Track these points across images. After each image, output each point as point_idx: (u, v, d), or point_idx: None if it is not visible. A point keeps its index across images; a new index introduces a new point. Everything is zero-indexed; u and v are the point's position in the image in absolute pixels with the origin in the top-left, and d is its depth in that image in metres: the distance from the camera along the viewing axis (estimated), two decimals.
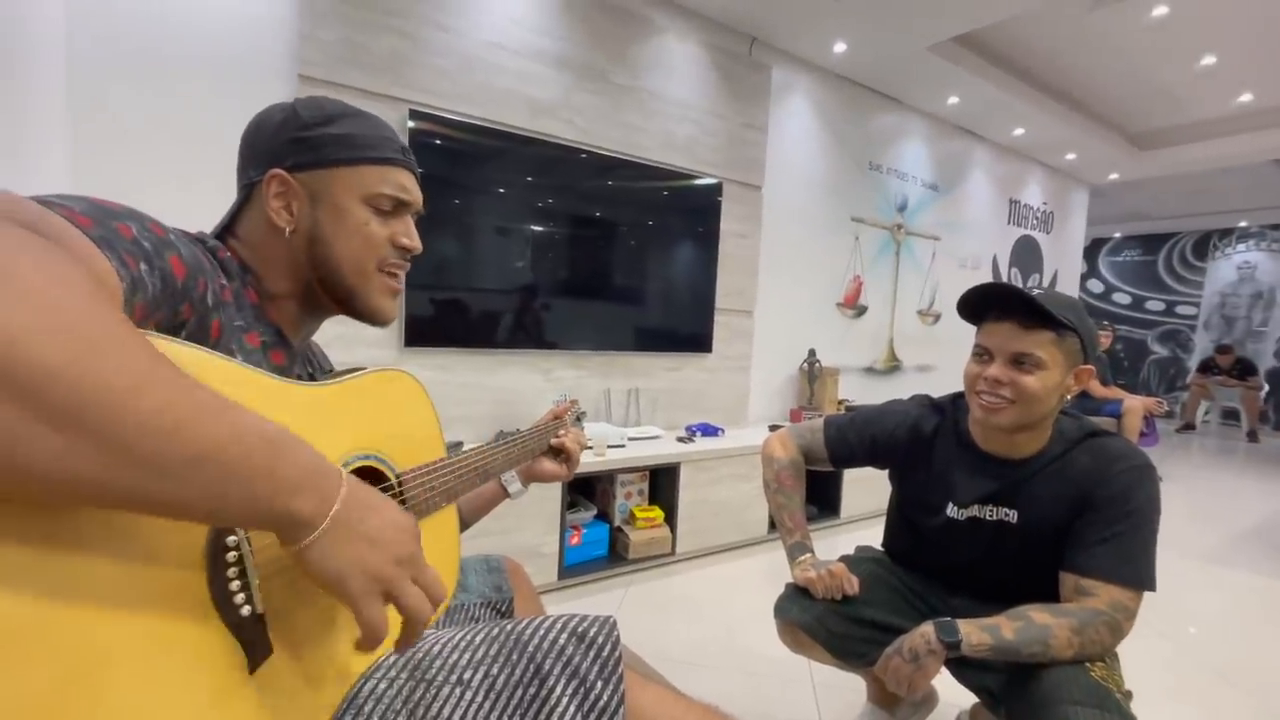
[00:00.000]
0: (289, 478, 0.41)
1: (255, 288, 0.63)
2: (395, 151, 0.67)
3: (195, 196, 0.60)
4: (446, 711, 0.54)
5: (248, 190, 0.64)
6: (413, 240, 0.69)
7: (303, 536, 0.42)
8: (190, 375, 0.37)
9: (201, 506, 0.37)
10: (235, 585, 0.46)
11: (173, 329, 0.49)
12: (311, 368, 0.74)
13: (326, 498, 0.43)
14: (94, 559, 0.37)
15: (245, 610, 0.46)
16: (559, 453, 1.02)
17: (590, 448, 2.21)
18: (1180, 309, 7.85)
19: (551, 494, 2.08)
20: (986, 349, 1.02)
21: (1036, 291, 0.99)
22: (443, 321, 2.22)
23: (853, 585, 1.12)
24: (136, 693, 0.38)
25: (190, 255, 0.51)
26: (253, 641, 0.47)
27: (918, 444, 1.17)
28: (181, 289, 0.49)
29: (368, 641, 0.45)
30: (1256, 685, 1.72)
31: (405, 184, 0.68)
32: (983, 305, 1.03)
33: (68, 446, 0.31)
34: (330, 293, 0.66)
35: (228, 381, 0.48)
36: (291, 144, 0.63)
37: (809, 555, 1.17)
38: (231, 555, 0.45)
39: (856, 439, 1.22)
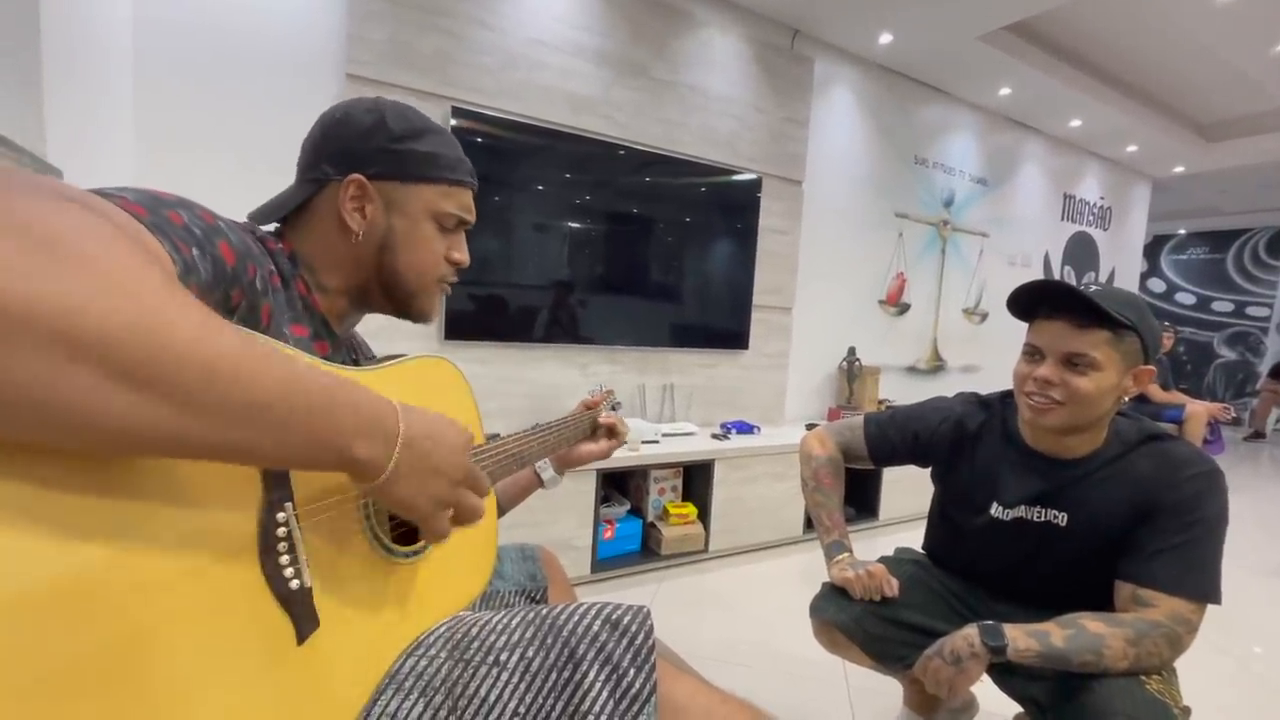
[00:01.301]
0: (347, 425, 0.44)
1: (305, 279, 0.65)
2: (467, 174, 0.71)
3: (249, 193, 0.63)
4: (484, 691, 0.56)
5: (318, 184, 0.66)
6: (464, 256, 0.73)
7: (371, 478, 0.46)
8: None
9: (267, 450, 0.40)
10: (285, 559, 0.47)
11: (225, 314, 0.51)
12: (356, 355, 0.77)
13: (388, 441, 0.47)
14: (152, 530, 0.39)
15: (294, 584, 0.48)
16: (606, 432, 1.05)
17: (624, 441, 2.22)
18: (1251, 310, 7.38)
19: (585, 488, 2.10)
20: (1037, 348, 0.98)
21: (1094, 288, 0.93)
22: (482, 316, 2.26)
23: (892, 587, 1.09)
24: (189, 658, 0.40)
25: (239, 242, 0.53)
26: (301, 614, 0.49)
27: (962, 440, 1.13)
28: (232, 274, 0.51)
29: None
30: None
31: (469, 205, 0.73)
32: (1034, 302, 0.99)
33: (138, 401, 0.33)
34: (389, 296, 0.70)
35: None
36: (379, 153, 0.65)
37: (847, 554, 1.15)
38: (281, 531, 0.47)
39: (898, 435, 1.19)
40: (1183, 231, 7.82)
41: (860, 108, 3.38)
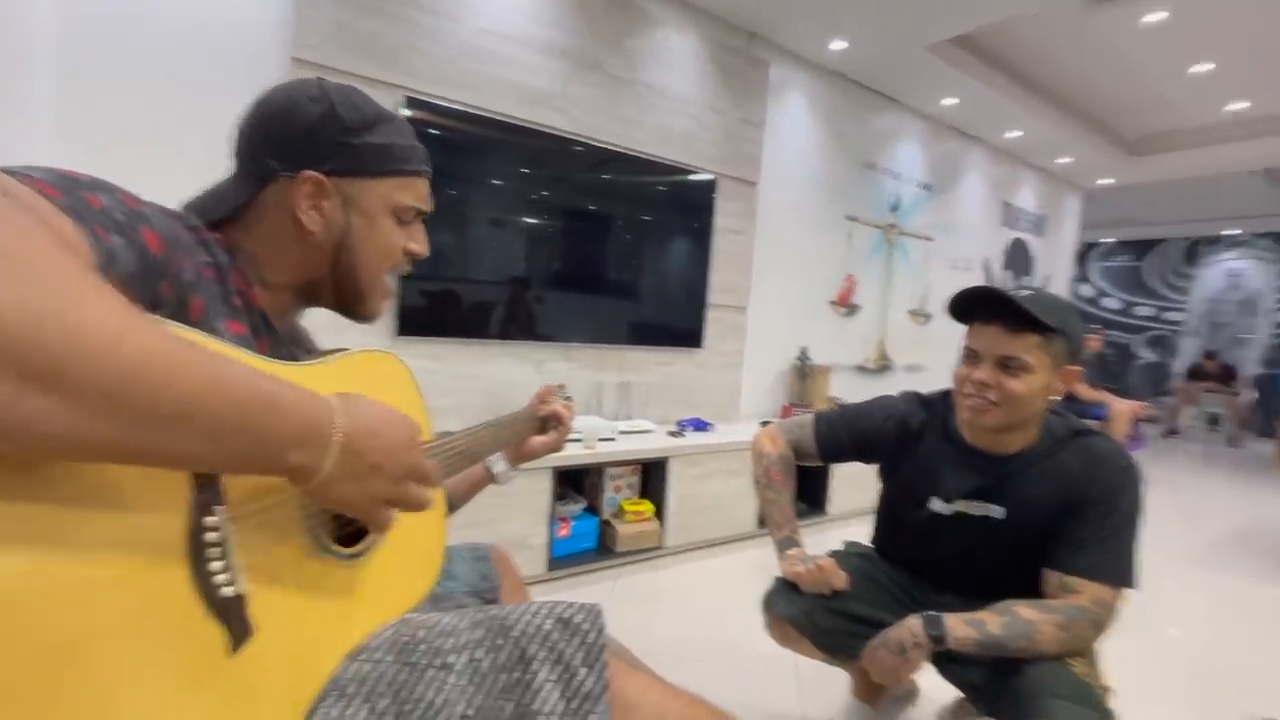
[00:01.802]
0: (281, 428, 0.42)
1: (245, 273, 0.61)
2: (423, 163, 0.69)
3: (187, 180, 0.59)
4: (430, 694, 0.54)
5: (264, 180, 0.61)
6: (423, 248, 0.71)
7: (306, 481, 0.46)
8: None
9: (193, 456, 0.38)
10: (217, 565, 0.45)
11: (151, 308, 0.47)
12: (297, 349, 0.73)
13: (322, 444, 0.45)
14: (71, 537, 0.36)
15: (227, 591, 0.45)
16: (549, 423, 1.02)
17: (580, 438, 2.21)
18: (1168, 315, 7.93)
19: (540, 485, 2.08)
20: (975, 351, 1.03)
21: (1026, 293, 0.99)
22: (435, 311, 2.20)
23: (841, 580, 1.12)
24: (113, 672, 0.37)
25: (167, 229, 0.49)
26: (233, 622, 0.46)
27: (905, 438, 1.17)
28: (160, 264, 0.47)
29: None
30: (1230, 685, 1.75)
31: (427, 194, 0.70)
32: (971, 306, 1.04)
33: (50, 403, 0.30)
34: (339, 293, 0.67)
35: None
36: (332, 147, 0.61)
37: (797, 549, 1.17)
38: (212, 535, 0.45)
39: (846, 433, 1.22)
40: (1110, 240, 8.32)
41: (813, 112, 3.46)
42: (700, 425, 2.73)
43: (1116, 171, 5.27)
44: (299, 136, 0.60)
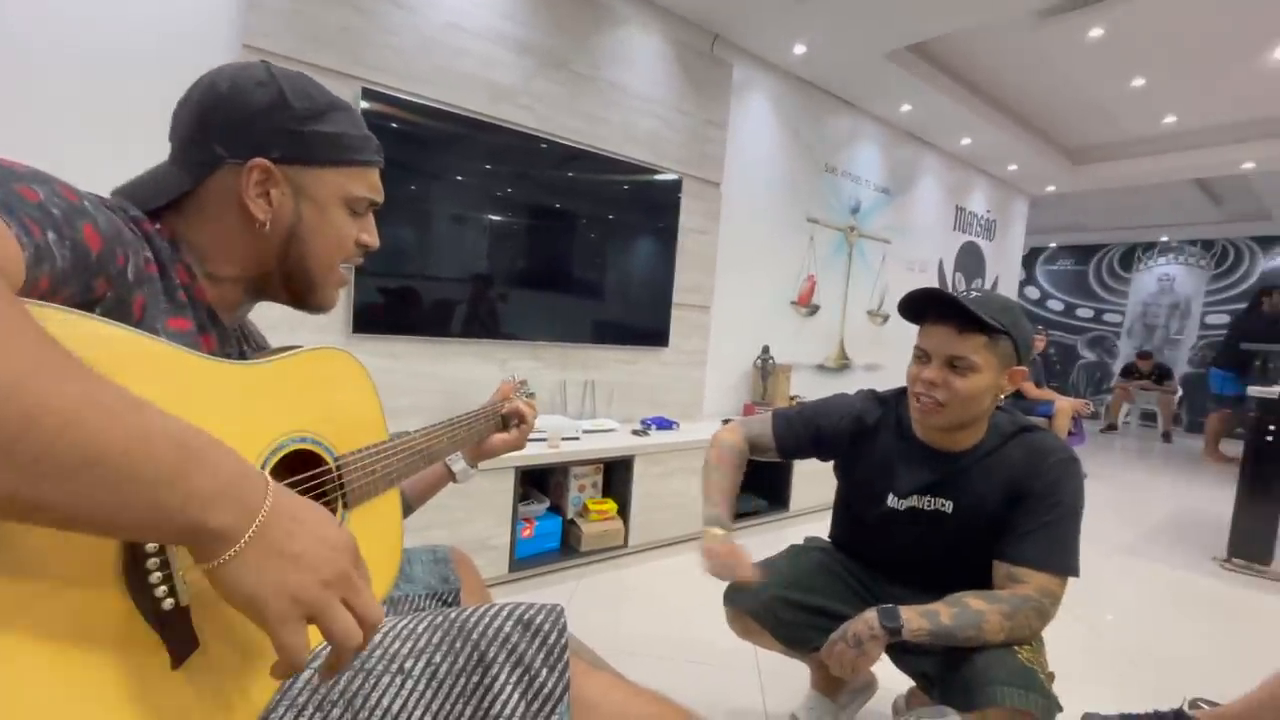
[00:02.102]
0: (203, 488, 0.37)
1: (188, 266, 0.58)
2: (374, 153, 0.67)
3: (126, 166, 0.55)
4: (386, 701, 0.53)
5: (209, 168, 0.58)
6: (373, 239, 0.70)
7: (218, 553, 0.38)
8: (89, 368, 0.34)
9: (96, 517, 0.33)
10: (156, 577, 0.43)
11: (85, 305, 0.45)
12: (245, 346, 0.70)
13: (248, 511, 0.39)
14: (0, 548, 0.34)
15: (167, 603, 0.43)
16: (510, 420, 1.01)
17: (544, 437, 2.19)
18: (1107, 316, 8.34)
19: (503, 486, 2.05)
20: (925, 350, 1.07)
21: (975, 294, 1.03)
22: (394, 309, 2.15)
23: (746, 571, 1.07)
24: (48, 689, 0.35)
25: (108, 224, 0.47)
26: (176, 635, 0.44)
27: (861, 435, 1.20)
28: (96, 262, 0.45)
29: (282, 668, 0.41)
30: (1165, 668, 1.85)
31: (378, 185, 0.69)
32: (921, 307, 1.07)
33: None
34: (289, 285, 0.65)
35: (148, 359, 0.45)
36: (281, 134, 0.59)
37: (720, 530, 1.12)
38: (152, 546, 0.42)
39: (803, 430, 1.24)
40: (1054, 245, 8.71)
41: (776, 114, 3.51)
42: (664, 424, 2.74)
43: (1059, 179, 5.52)
44: (246, 122, 0.58)
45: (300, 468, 0.61)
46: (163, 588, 0.43)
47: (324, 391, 0.66)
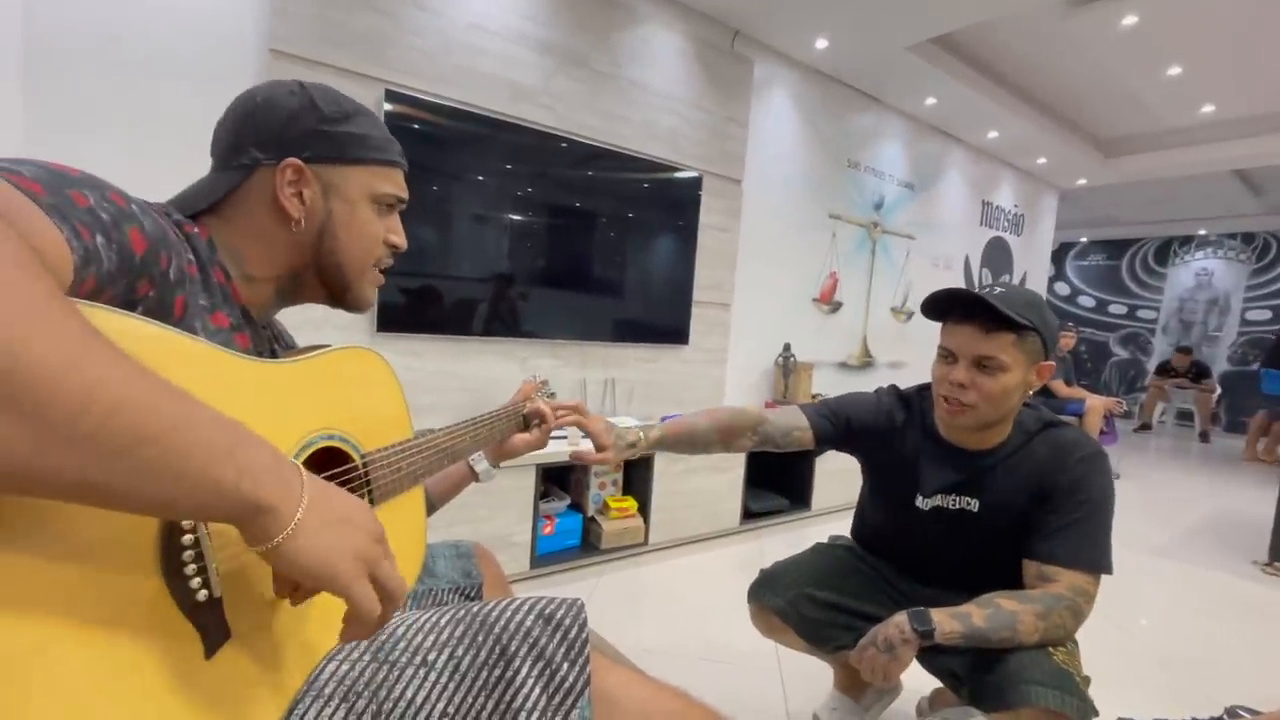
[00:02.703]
0: (252, 464, 0.39)
1: (225, 268, 0.61)
2: (398, 154, 0.70)
3: (152, 168, 0.57)
4: (410, 693, 0.54)
5: (246, 170, 0.62)
6: (401, 239, 0.72)
7: (277, 530, 0.40)
8: (134, 358, 0.35)
9: (149, 495, 0.35)
10: (191, 569, 0.44)
11: (127, 305, 0.47)
12: (276, 345, 0.72)
13: (292, 490, 0.42)
14: (42, 539, 0.35)
15: (201, 595, 0.45)
16: (531, 420, 1.01)
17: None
18: (1141, 313, 8.11)
19: (524, 483, 2.07)
20: (950, 350, 1.04)
21: (998, 290, 1.00)
22: (416, 308, 2.18)
23: (598, 436, 1.06)
24: (85, 675, 0.37)
25: (154, 227, 0.49)
26: (209, 626, 0.45)
27: (891, 433, 1.18)
28: (140, 264, 0.47)
29: (362, 625, 0.45)
30: (1199, 674, 1.80)
31: (403, 185, 0.72)
32: (945, 306, 1.05)
33: None
34: (327, 283, 0.68)
35: (186, 357, 0.47)
36: (312, 135, 0.63)
37: (632, 429, 1.12)
38: (187, 538, 0.44)
39: (833, 418, 1.21)
40: (1084, 239, 8.49)
41: (797, 110, 3.48)
42: None
43: (1091, 172, 5.37)
44: (279, 126, 0.62)
45: (328, 464, 0.62)
46: (197, 579, 0.44)
47: (352, 390, 0.67)
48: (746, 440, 1.19)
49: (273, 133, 0.62)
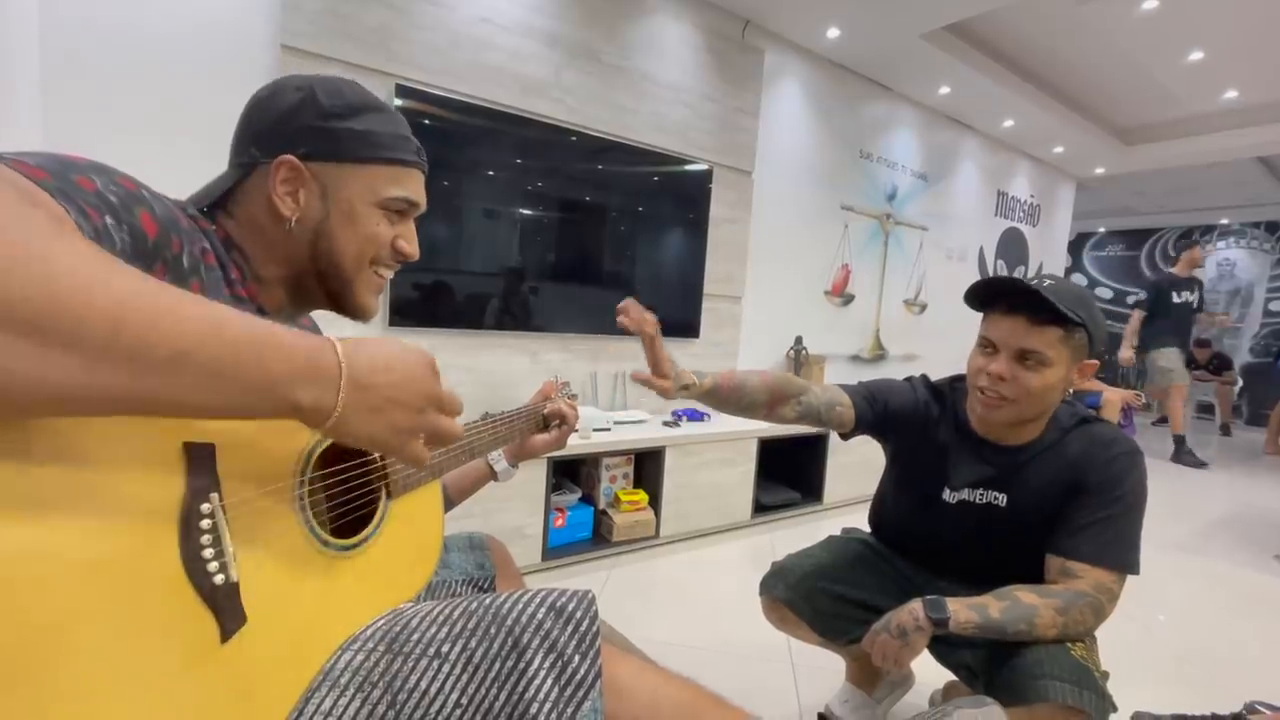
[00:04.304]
0: (282, 369, 0.40)
1: (240, 266, 0.61)
2: (412, 153, 0.66)
3: (172, 168, 0.57)
4: (424, 684, 0.54)
5: (247, 168, 0.61)
6: (412, 246, 0.69)
7: (322, 421, 0.44)
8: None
9: (197, 401, 0.37)
10: (209, 553, 0.44)
11: None
12: None
13: (329, 382, 0.44)
14: (62, 521, 0.36)
15: (218, 579, 0.45)
16: (551, 421, 1.02)
17: (576, 429, 2.21)
18: None
19: (536, 476, 2.08)
20: (991, 341, 1.01)
21: (1048, 283, 0.96)
22: (428, 302, 2.19)
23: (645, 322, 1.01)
24: (101, 656, 0.37)
25: (164, 212, 0.49)
26: (225, 610, 0.46)
27: (926, 424, 1.16)
28: (153, 246, 0.47)
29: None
30: (1219, 671, 1.77)
31: (417, 188, 0.68)
32: (992, 296, 1.02)
33: (44, 355, 0.30)
34: (324, 286, 0.66)
35: None
36: (308, 131, 0.60)
37: (685, 376, 1.08)
38: (205, 523, 0.44)
39: (873, 401, 1.17)
40: (1102, 230, 8.35)
41: (808, 100, 3.44)
42: (695, 415, 2.73)
43: (1109, 161, 5.27)
44: (277, 122, 0.60)
45: (347, 456, 0.63)
46: (214, 563, 0.45)
47: None
48: (790, 409, 1.12)
49: (270, 128, 0.60)
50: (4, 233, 0.30)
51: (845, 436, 1.20)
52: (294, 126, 0.60)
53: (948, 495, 1.11)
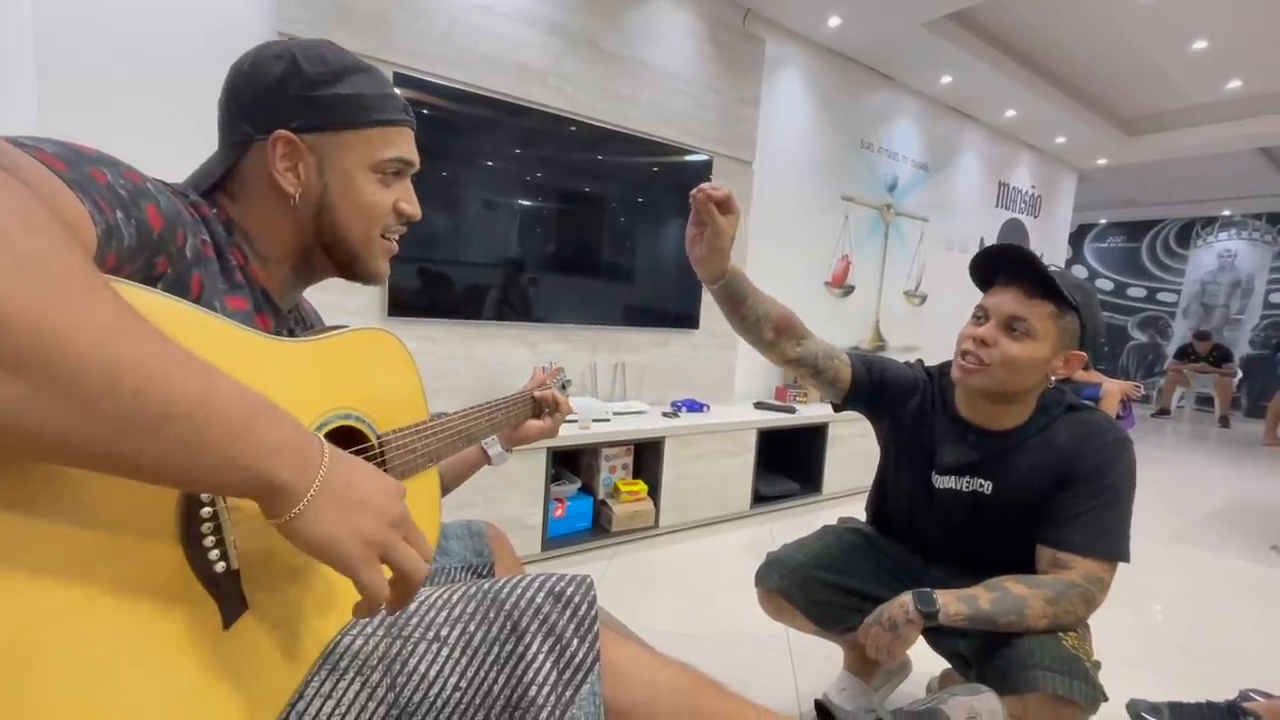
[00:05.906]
0: (268, 442, 0.39)
1: (243, 248, 0.60)
2: (399, 111, 0.65)
3: (166, 152, 0.57)
4: (423, 667, 0.55)
5: (243, 147, 0.60)
6: (413, 206, 0.68)
7: (287, 507, 0.41)
8: (162, 331, 0.36)
9: (172, 468, 0.35)
10: (210, 541, 0.45)
11: (147, 282, 0.47)
12: (298, 327, 0.73)
13: (310, 465, 0.42)
14: (65, 508, 0.36)
15: (219, 566, 0.45)
16: (544, 407, 1.02)
17: (576, 419, 2.21)
18: (1161, 296, 7.96)
19: (535, 466, 2.08)
20: (985, 309, 1.03)
21: (1053, 268, 0.98)
22: (427, 292, 2.19)
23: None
24: (104, 641, 0.38)
25: (169, 205, 0.49)
26: (227, 597, 0.46)
27: (919, 401, 1.17)
28: (158, 240, 0.47)
29: (369, 605, 0.45)
30: (1213, 657, 1.79)
31: (409, 146, 0.67)
32: (994, 270, 1.04)
33: (29, 395, 0.30)
34: (333, 257, 0.65)
35: (206, 333, 0.47)
36: (298, 102, 0.59)
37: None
38: (206, 510, 0.45)
39: (870, 367, 1.18)
40: (1103, 221, 8.32)
41: (809, 90, 3.42)
42: (694, 406, 2.74)
43: (1111, 151, 5.25)
44: (264, 96, 0.59)
45: (344, 443, 0.63)
46: (215, 551, 0.45)
47: (368, 370, 0.67)
48: (791, 347, 1.12)
49: (259, 102, 0.59)
50: (32, 264, 0.30)
51: (838, 407, 1.20)
52: (283, 99, 0.59)
53: (936, 481, 1.12)
